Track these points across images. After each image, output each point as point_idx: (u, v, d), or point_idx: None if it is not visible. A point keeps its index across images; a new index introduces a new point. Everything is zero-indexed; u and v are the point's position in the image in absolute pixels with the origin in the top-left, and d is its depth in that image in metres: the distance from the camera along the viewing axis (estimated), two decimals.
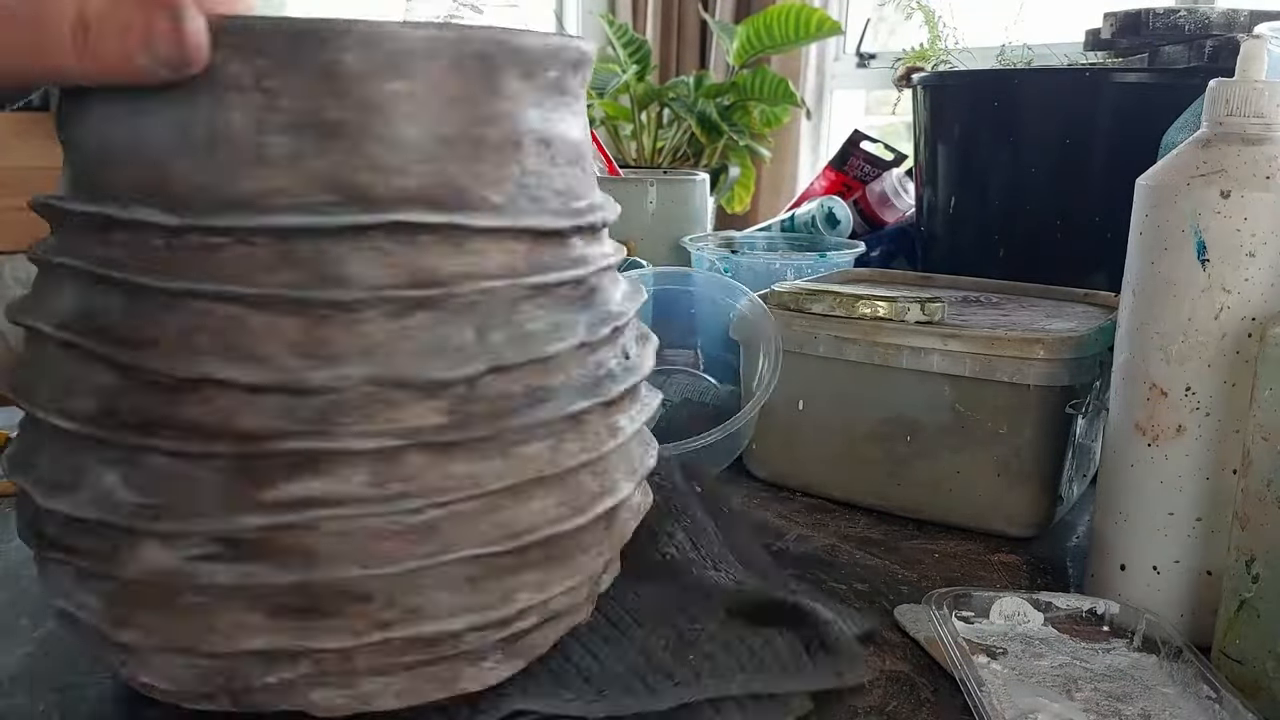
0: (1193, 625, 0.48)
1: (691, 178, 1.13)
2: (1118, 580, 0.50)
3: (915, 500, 0.64)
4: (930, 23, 1.24)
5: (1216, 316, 0.45)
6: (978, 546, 0.60)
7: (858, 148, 1.24)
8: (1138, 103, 0.79)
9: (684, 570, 0.49)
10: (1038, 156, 0.84)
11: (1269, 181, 0.43)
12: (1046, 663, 0.45)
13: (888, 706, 0.43)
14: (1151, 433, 0.47)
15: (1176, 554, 0.48)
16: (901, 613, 0.50)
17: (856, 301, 0.64)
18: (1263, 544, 0.42)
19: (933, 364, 0.60)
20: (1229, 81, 0.45)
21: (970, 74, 0.98)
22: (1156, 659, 0.46)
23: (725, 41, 1.42)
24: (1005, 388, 0.59)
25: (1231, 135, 0.45)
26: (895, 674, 0.45)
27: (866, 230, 1.15)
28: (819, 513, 0.65)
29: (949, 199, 0.92)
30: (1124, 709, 0.42)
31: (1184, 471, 0.47)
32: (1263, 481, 0.42)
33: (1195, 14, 0.78)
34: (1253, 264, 0.44)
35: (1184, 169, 0.46)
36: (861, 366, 0.63)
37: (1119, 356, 0.50)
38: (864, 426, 0.64)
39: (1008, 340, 0.59)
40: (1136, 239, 0.48)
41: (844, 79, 2.05)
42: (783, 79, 1.27)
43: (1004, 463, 0.60)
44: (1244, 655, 0.43)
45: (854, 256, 0.94)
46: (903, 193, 1.16)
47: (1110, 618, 0.48)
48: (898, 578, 0.55)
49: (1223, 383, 0.45)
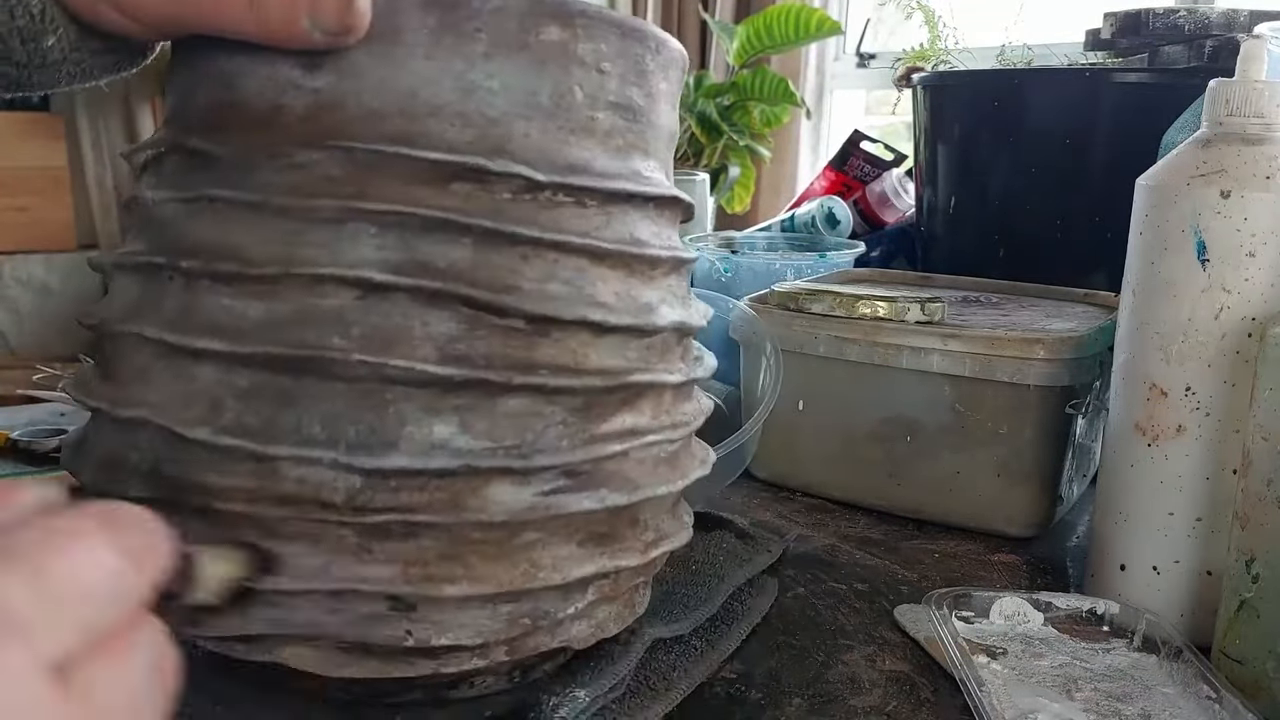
0: (1193, 625, 0.48)
1: (691, 178, 1.13)
2: (1118, 580, 0.50)
3: (915, 500, 0.64)
4: (930, 23, 1.24)
5: (1216, 316, 0.45)
6: (978, 546, 0.60)
7: (858, 148, 1.24)
8: (1138, 103, 0.79)
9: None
10: (1038, 156, 0.85)
11: (1269, 181, 0.43)
12: (1046, 663, 0.45)
13: (888, 706, 0.43)
14: (1151, 433, 0.47)
15: (1176, 554, 0.48)
16: (901, 613, 0.50)
17: (856, 301, 0.64)
18: (1263, 544, 0.42)
19: (933, 364, 0.60)
20: (1229, 81, 0.45)
21: (970, 74, 0.98)
22: (1156, 659, 0.46)
23: (725, 41, 1.42)
24: (1005, 388, 0.59)
25: (1231, 135, 0.45)
26: (895, 674, 0.45)
27: (866, 230, 1.15)
28: (819, 513, 0.65)
29: (949, 199, 0.92)
30: (1124, 709, 0.42)
31: (1184, 471, 0.47)
32: (1263, 481, 0.42)
33: (1195, 14, 0.78)
34: (1253, 264, 0.44)
35: (1184, 169, 0.46)
36: (861, 367, 0.63)
37: (1119, 356, 0.50)
38: (864, 427, 0.64)
39: (1008, 340, 0.59)
40: (1136, 239, 0.48)
41: (844, 79, 2.05)
42: (783, 79, 1.27)
43: (1004, 463, 0.60)
44: (1244, 655, 0.43)
45: (854, 257, 0.94)
46: (903, 193, 1.16)
47: (1110, 618, 0.48)
48: (898, 578, 0.56)
49: (1223, 383, 0.45)
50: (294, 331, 0.32)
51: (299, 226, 0.32)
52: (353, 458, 0.32)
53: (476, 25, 0.33)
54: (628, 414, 0.37)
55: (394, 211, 0.32)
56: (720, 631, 0.47)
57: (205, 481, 0.33)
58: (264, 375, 0.32)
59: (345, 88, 0.33)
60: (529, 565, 0.35)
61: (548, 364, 0.34)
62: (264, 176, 0.33)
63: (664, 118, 0.39)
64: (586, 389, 0.35)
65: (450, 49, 0.33)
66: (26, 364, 2.24)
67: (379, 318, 0.32)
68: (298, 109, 0.33)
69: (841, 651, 0.47)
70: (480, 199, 0.33)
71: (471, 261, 0.33)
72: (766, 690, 0.43)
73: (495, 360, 0.33)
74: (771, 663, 0.46)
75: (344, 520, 0.32)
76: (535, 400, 0.34)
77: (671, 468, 0.39)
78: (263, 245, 0.32)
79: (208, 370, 0.33)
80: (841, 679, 0.45)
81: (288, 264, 0.32)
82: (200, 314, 0.33)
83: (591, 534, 0.37)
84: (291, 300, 0.32)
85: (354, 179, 0.32)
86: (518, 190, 0.34)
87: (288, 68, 0.33)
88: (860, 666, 0.46)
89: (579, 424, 0.35)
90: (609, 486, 0.36)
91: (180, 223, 0.34)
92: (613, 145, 0.36)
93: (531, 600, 0.36)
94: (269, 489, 0.32)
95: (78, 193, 2.63)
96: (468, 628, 0.35)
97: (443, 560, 0.33)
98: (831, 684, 0.44)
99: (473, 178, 0.33)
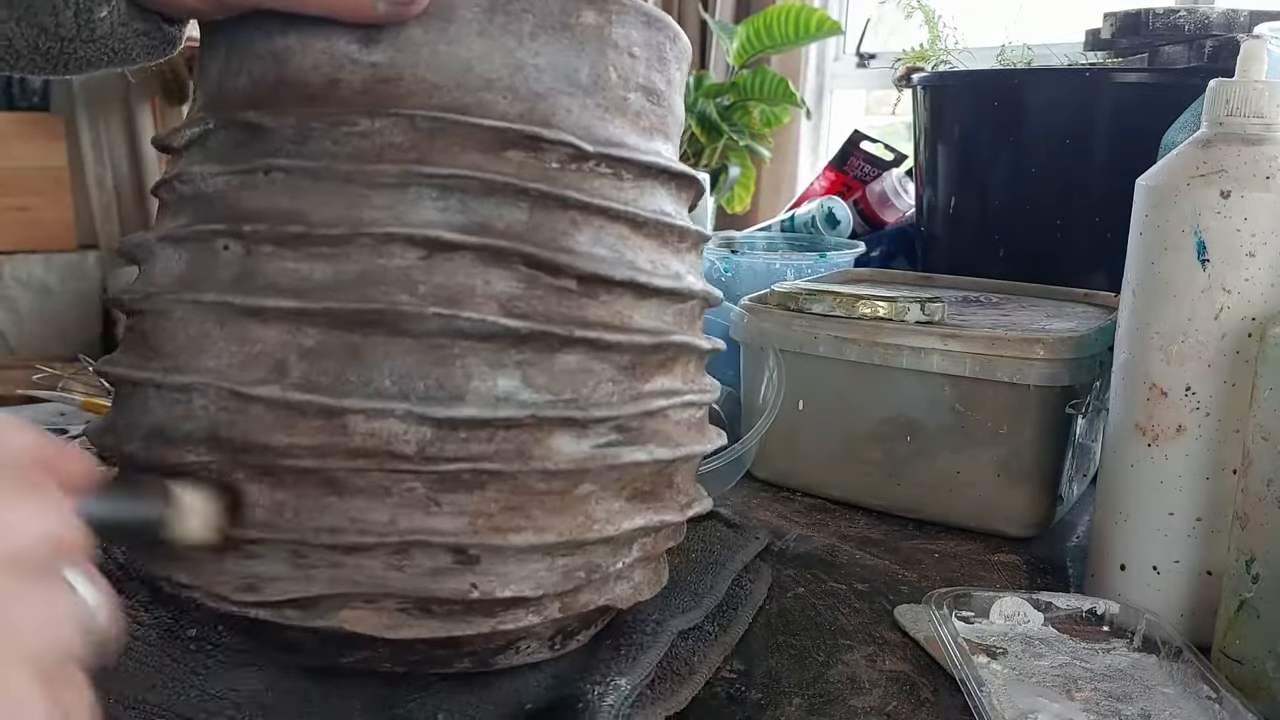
0: (1193, 625, 0.48)
1: None
2: (1118, 580, 0.50)
3: (915, 500, 0.64)
4: (930, 23, 1.24)
5: (1216, 316, 0.45)
6: (978, 546, 0.60)
7: (858, 148, 1.24)
8: (1137, 103, 0.79)
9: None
10: (1038, 156, 0.84)
11: (1269, 181, 0.43)
12: (1046, 663, 0.45)
13: (888, 706, 0.43)
14: (1151, 433, 0.47)
15: (1176, 554, 0.48)
16: (901, 613, 0.50)
17: (857, 301, 0.64)
18: (1263, 544, 0.42)
19: (933, 364, 0.60)
20: (1229, 82, 0.45)
21: (970, 74, 0.98)
22: (1156, 659, 0.46)
23: (725, 41, 1.42)
24: (1005, 388, 0.59)
25: (1231, 135, 0.45)
26: (895, 674, 0.45)
27: (866, 230, 1.15)
28: (819, 513, 0.65)
29: (949, 199, 0.92)
30: (1124, 709, 0.42)
31: (1184, 471, 0.47)
32: (1263, 481, 0.42)
33: (1195, 14, 0.78)
34: (1253, 264, 0.44)
35: (1184, 169, 0.46)
36: (861, 366, 0.63)
37: (1119, 357, 0.50)
38: (864, 427, 0.64)
39: (1008, 340, 0.59)
40: (1136, 239, 0.48)
41: (844, 79, 2.05)
42: (783, 79, 1.27)
43: (1004, 463, 0.60)
44: (1244, 655, 0.43)
45: (854, 256, 0.94)
46: (903, 193, 1.16)
47: (1110, 618, 0.48)
48: (898, 578, 0.55)
49: (1223, 383, 0.45)
50: (362, 289, 0.34)
51: (363, 191, 0.34)
52: (425, 408, 0.33)
53: (524, 6, 0.35)
54: (664, 376, 0.39)
55: (456, 175, 0.34)
56: (729, 617, 0.48)
57: (269, 441, 0.33)
58: (331, 333, 0.34)
59: (402, 61, 0.35)
60: (585, 517, 0.37)
61: (599, 322, 0.36)
62: (323, 145, 0.34)
63: (678, 105, 0.41)
64: (634, 346, 0.37)
65: (501, 27, 0.35)
66: (26, 364, 2.24)
67: (444, 276, 0.34)
68: (355, 83, 0.35)
69: (841, 651, 0.47)
70: (532, 166, 0.35)
71: (528, 223, 0.35)
72: (766, 690, 0.43)
73: (554, 316, 0.35)
74: (771, 663, 0.46)
75: (416, 469, 0.34)
76: (588, 356, 0.36)
77: (700, 432, 0.42)
78: (327, 209, 0.34)
79: (272, 332, 0.34)
80: (841, 679, 0.45)
81: (355, 225, 0.34)
82: (262, 277, 0.34)
83: (637, 490, 0.39)
84: (358, 260, 0.34)
85: (415, 145, 0.34)
86: (565, 160, 0.36)
87: (345, 43, 0.35)
88: (860, 666, 0.46)
89: (627, 381, 0.37)
90: (655, 442, 0.38)
91: (234, 194, 0.35)
92: (641, 125, 0.39)
93: (584, 554, 0.38)
94: (339, 443, 0.33)
95: (78, 193, 2.63)
96: (529, 579, 0.36)
97: (507, 511, 0.35)
98: (831, 684, 0.44)
99: (527, 145, 0.35)
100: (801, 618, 0.50)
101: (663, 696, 0.41)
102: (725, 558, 0.53)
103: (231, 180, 0.35)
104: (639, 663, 0.41)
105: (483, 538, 0.35)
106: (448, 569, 0.35)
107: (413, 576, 0.35)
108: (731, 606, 0.49)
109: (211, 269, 0.35)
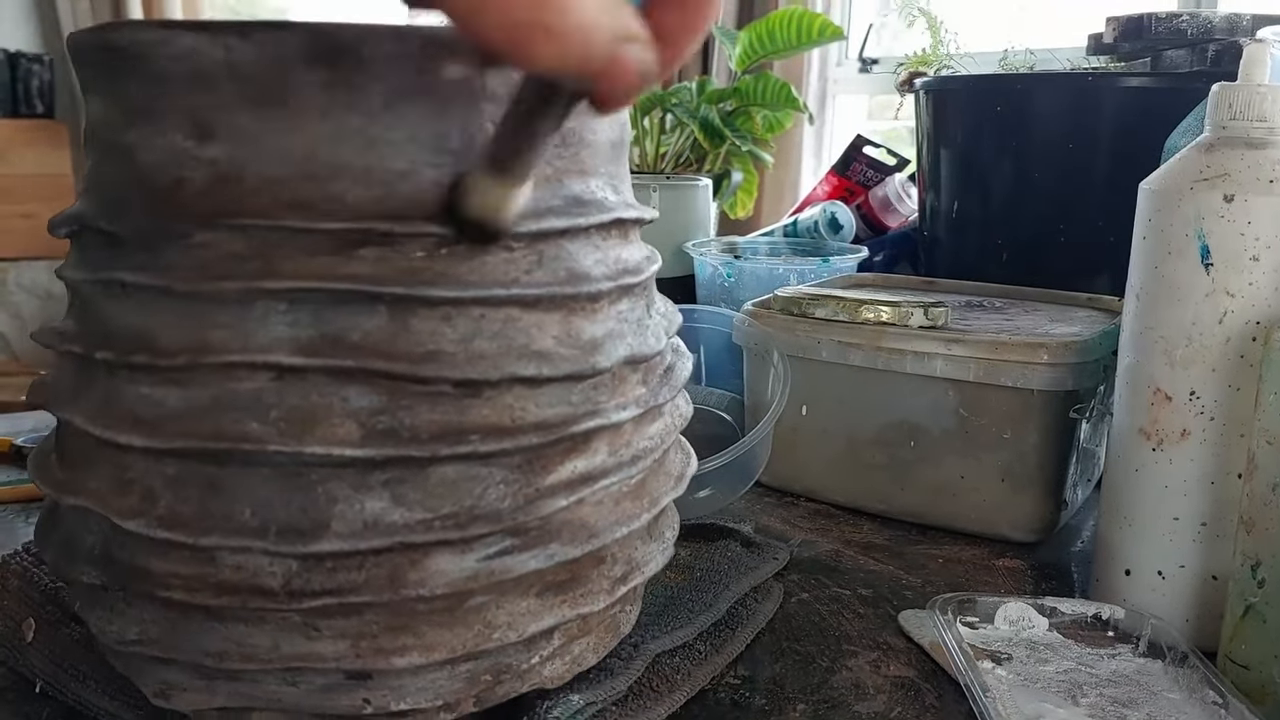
0: (1198, 630, 0.47)
1: (694, 183, 1.13)
2: (1123, 585, 0.50)
3: (919, 505, 0.63)
4: (932, 28, 1.24)
5: (1220, 320, 0.45)
6: (982, 551, 0.60)
7: (860, 153, 1.24)
8: (1140, 107, 0.79)
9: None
10: (1040, 161, 0.84)
11: (1272, 185, 0.43)
12: (1051, 668, 0.45)
13: (892, 712, 0.42)
14: (1156, 437, 0.47)
15: (1181, 559, 0.48)
16: (906, 618, 0.50)
17: (860, 306, 0.64)
18: (1268, 548, 0.42)
19: (936, 369, 0.60)
20: (1232, 86, 0.45)
21: (973, 79, 0.98)
22: (1162, 664, 0.45)
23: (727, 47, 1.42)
24: (1009, 392, 0.59)
25: (1235, 139, 0.45)
26: (900, 679, 0.45)
27: (869, 235, 1.15)
28: (823, 518, 0.65)
29: (952, 203, 0.92)
30: (1129, 714, 0.41)
31: (1189, 476, 0.47)
32: (1268, 485, 0.42)
33: (1198, 18, 0.78)
34: (1256, 268, 0.44)
35: (1187, 173, 0.45)
36: (865, 371, 0.63)
37: (1123, 361, 0.50)
38: (868, 431, 0.64)
39: (1011, 345, 0.59)
40: (1140, 243, 0.48)
41: (846, 84, 2.05)
42: (785, 84, 1.27)
43: (1008, 468, 0.60)
44: (1250, 660, 0.43)
45: (857, 261, 0.94)
46: (905, 197, 1.16)
47: (1115, 623, 0.48)
48: (902, 583, 0.55)
49: (1227, 387, 0.45)
50: (212, 419, 0.31)
51: (207, 309, 0.31)
52: (285, 545, 0.31)
53: (371, 74, 0.30)
54: (578, 459, 0.35)
55: (301, 288, 0.30)
56: (724, 636, 0.47)
57: (149, 568, 0.33)
58: (189, 464, 0.32)
59: (241, 157, 0.31)
60: (483, 626, 0.34)
61: (478, 427, 0.32)
62: (169, 257, 0.31)
63: (602, 130, 0.35)
64: (522, 449, 0.33)
65: (345, 104, 0.30)
66: (30, 370, 2.24)
67: (297, 398, 0.31)
68: (197, 182, 0.31)
69: (846, 657, 0.47)
70: (393, 261, 0.31)
71: (388, 331, 0.31)
72: (770, 696, 0.43)
73: (421, 431, 0.31)
74: (776, 668, 0.46)
75: (283, 606, 0.32)
76: (469, 465, 0.32)
77: (636, 500, 0.37)
78: (173, 331, 0.31)
79: (138, 459, 0.32)
80: (846, 685, 0.45)
81: (198, 352, 0.31)
82: (122, 403, 0.32)
83: (549, 584, 0.35)
84: (208, 386, 0.31)
85: (258, 255, 0.31)
86: (431, 248, 0.31)
87: (180, 138, 0.31)
88: (864, 672, 0.46)
89: (521, 480, 0.33)
90: (560, 540, 0.34)
91: (100, 303, 0.33)
92: (540, 177, 0.33)
93: (490, 658, 0.35)
94: (208, 576, 0.32)
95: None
96: (426, 691, 0.34)
97: (391, 632, 0.33)
98: (836, 689, 0.44)
99: (381, 241, 0.31)
100: (806, 623, 0.50)
101: (632, 713, 0.39)
102: (732, 579, 0.51)
103: (95, 289, 0.33)
104: (601, 685, 0.39)
105: (366, 661, 0.33)
106: (340, 685, 0.34)
107: (307, 693, 0.34)
108: (730, 626, 0.47)
109: (90, 382, 0.34)
